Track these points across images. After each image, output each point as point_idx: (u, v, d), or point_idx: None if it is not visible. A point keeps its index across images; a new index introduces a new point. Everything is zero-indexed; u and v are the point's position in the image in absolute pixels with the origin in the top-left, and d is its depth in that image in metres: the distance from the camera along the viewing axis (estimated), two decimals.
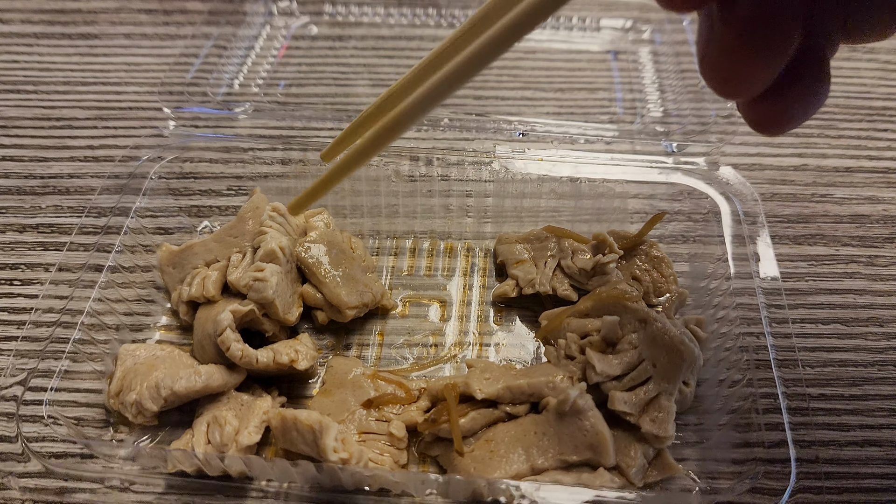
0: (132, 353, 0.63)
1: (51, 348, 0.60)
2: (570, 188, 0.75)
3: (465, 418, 0.59)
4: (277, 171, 0.77)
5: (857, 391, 0.67)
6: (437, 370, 0.68)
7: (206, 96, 0.84)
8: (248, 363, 0.61)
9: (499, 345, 0.70)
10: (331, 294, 0.67)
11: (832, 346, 0.70)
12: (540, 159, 0.74)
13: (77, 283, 0.64)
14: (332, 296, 0.67)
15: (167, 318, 0.71)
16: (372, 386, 0.63)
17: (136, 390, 0.58)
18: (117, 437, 0.62)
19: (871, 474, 0.62)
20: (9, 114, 0.90)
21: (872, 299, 0.74)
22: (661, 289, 0.70)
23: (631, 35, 1.02)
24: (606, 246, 0.70)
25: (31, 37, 1.00)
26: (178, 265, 0.69)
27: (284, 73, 0.96)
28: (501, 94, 0.95)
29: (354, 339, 0.70)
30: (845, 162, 0.87)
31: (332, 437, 0.53)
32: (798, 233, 0.79)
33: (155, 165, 0.74)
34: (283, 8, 1.03)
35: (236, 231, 0.69)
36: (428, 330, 0.71)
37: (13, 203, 0.80)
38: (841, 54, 0.94)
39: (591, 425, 0.56)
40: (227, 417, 0.59)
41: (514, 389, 0.59)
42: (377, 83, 0.95)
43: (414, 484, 0.55)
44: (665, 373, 0.57)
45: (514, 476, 0.56)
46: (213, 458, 0.55)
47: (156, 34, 1.01)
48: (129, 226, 0.70)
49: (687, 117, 0.84)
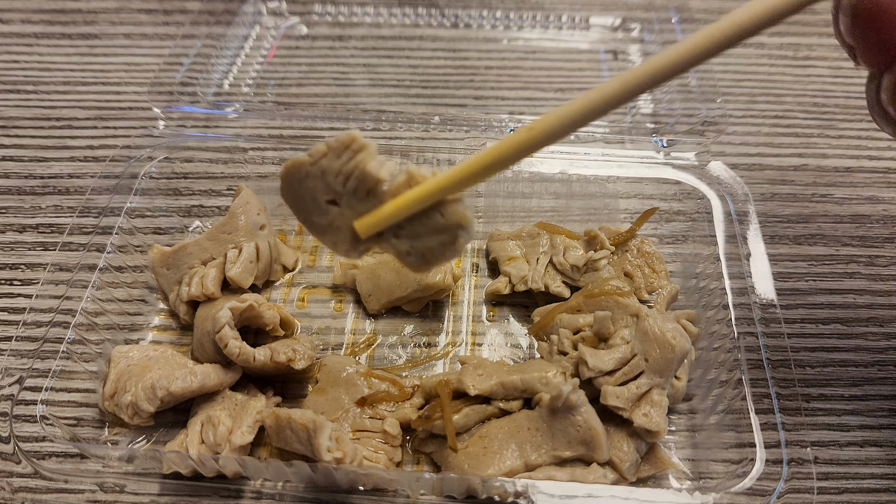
0: (125, 355, 0.63)
1: (46, 348, 0.61)
2: (561, 185, 0.75)
3: (458, 415, 0.59)
4: (268, 171, 0.77)
5: (857, 391, 0.66)
6: (431, 367, 0.68)
7: (196, 96, 0.84)
8: (246, 361, 0.61)
9: (492, 341, 0.70)
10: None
11: (832, 346, 0.70)
12: (531, 155, 0.73)
13: (71, 283, 0.65)
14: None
15: (160, 318, 0.71)
16: (365, 384, 0.63)
17: (132, 392, 0.58)
18: (112, 438, 0.62)
19: (870, 474, 0.61)
20: (9, 114, 0.91)
21: (872, 299, 0.73)
22: (653, 284, 0.70)
23: (620, 33, 1.02)
24: (598, 242, 0.70)
25: (31, 37, 1.01)
26: (172, 266, 0.69)
27: (274, 72, 0.97)
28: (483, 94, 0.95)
29: (347, 337, 0.70)
30: (845, 162, 0.86)
31: (327, 436, 0.53)
32: (798, 233, 0.79)
33: (146, 165, 0.74)
34: (272, 8, 1.03)
35: (229, 227, 0.69)
36: (421, 327, 0.71)
37: (13, 203, 0.81)
38: (841, 55, 0.94)
39: (583, 420, 0.56)
40: (221, 417, 0.59)
41: (508, 385, 0.59)
42: (374, 83, 0.95)
43: (408, 482, 0.55)
44: (657, 367, 0.57)
45: (507, 472, 0.56)
46: (208, 458, 0.55)
47: (156, 34, 1.02)
48: (120, 226, 0.70)
49: (677, 114, 0.83)
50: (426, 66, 0.98)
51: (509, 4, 1.02)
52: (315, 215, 0.51)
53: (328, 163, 0.48)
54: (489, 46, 1.01)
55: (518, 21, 1.03)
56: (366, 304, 0.71)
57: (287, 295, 0.73)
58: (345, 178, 0.48)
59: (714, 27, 0.39)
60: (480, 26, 1.03)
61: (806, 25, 1.03)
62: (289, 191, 0.52)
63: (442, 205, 0.46)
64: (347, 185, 0.48)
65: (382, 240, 0.49)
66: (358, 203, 0.48)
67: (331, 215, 0.50)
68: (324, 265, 0.76)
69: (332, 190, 0.49)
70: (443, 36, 1.02)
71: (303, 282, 0.74)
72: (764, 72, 0.97)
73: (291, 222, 0.79)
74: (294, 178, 0.51)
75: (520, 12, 1.02)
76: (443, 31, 1.02)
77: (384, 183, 0.47)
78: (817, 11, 1.05)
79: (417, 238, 0.47)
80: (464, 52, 1.00)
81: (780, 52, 1.00)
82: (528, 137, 0.43)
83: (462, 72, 0.97)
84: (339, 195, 0.49)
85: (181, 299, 0.67)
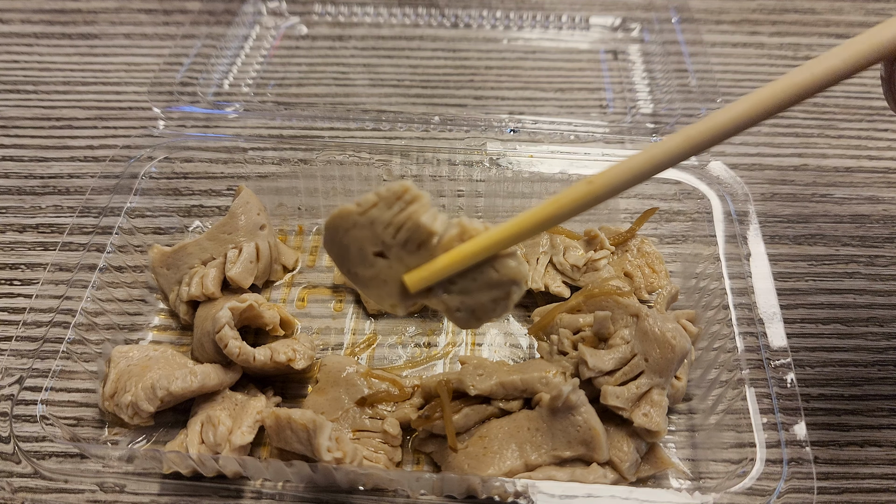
0: (125, 355, 0.63)
1: (46, 348, 0.61)
2: (561, 185, 0.75)
3: (458, 414, 0.59)
4: (268, 171, 0.77)
5: (857, 391, 0.66)
6: (431, 367, 0.68)
7: (196, 96, 0.84)
8: (246, 361, 0.61)
9: (492, 341, 0.70)
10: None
11: (832, 346, 0.70)
12: (530, 156, 0.74)
13: (71, 283, 0.65)
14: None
15: (160, 318, 0.71)
16: (366, 384, 0.63)
17: (132, 392, 0.58)
18: (112, 438, 0.62)
19: (870, 474, 0.61)
20: (9, 114, 0.91)
21: (872, 299, 0.73)
22: (653, 284, 0.70)
23: (620, 33, 1.02)
24: (598, 242, 0.70)
25: (31, 37, 1.01)
26: (172, 266, 0.69)
27: (274, 72, 0.97)
28: (483, 94, 0.95)
29: (347, 337, 0.70)
30: (845, 162, 0.86)
31: (326, 436, 0.53)
32: (798, 233, 0.79)
33: (146, 165, 0.74)
34: (272, 8, 1.03)
35: (229, 227, 0.69)
36: (421, 327, 0.71)
37: (13, 203, 0.81)
38: None
39: (583, 420, 0.56)
40: (221, 417, 0.59)
41: (508, 385, 0.59)
42: (374, 83, 0.95)
43: (408, 482, 0.55)
44: (657, 367, 0.57)
45: (507, 472, 0.56)
46: (208, 458, 0.55)
47: (156, 34, 1.02)
48: (120, 226, 0.70)
49: (677, 114, 0.83)
50: (426, 66, 0.98)
51: (509, 4, 1.02)
52: (360, 267, 0.49)
53: (378, 213, 0.46)
54: (489, 46, 1.01)
55: (518, 21, 1.03)
56: (366, 304, 0.71)
57: (287, 295, 0.73)
58: (395, 230, 0.46)
59: (772, 86, 0.39)
60: (480, 26, 1.03)
61: (806, 25, 1.03)
62: (333, 241, 0.49)
63: (496, 259, 0.45)
64: (398, 237, 0.46)
65: (432, 295, 0.47)
66: (408, 256, 0.46)
67: (377, 267, 0.48)
68: (324, 265, 0.76)
69: (380, 241, 0.47)
70: (443, 36, 1.02)
71: (303, 282, 0.74)
72: (764, 72, 0.97)
73: (291, 222, 0.79)
74: (340, 228, 0.48)
75: (520, 12, 1.02)
76: (443, 31, 1.02)
77: (436, 236, 0.45)
78: (817, 11, 1.05)
79: (468, 294, 0.46)
80: (464, 52, 1.00)
81: (780, 52, 1.00)
82: (587, 192, 0.42)
83: (462, 72, 0.97)
84: (387, 247, 0.47)
85: (181, 299, 0.67)
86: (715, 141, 0.40)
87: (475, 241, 0.44)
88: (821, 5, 1.06)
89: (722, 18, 1.05)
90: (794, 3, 1.06)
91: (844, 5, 1.06)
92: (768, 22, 1.04)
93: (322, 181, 0.77)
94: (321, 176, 0.76)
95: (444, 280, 0.46)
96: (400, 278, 0.47)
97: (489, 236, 0.44)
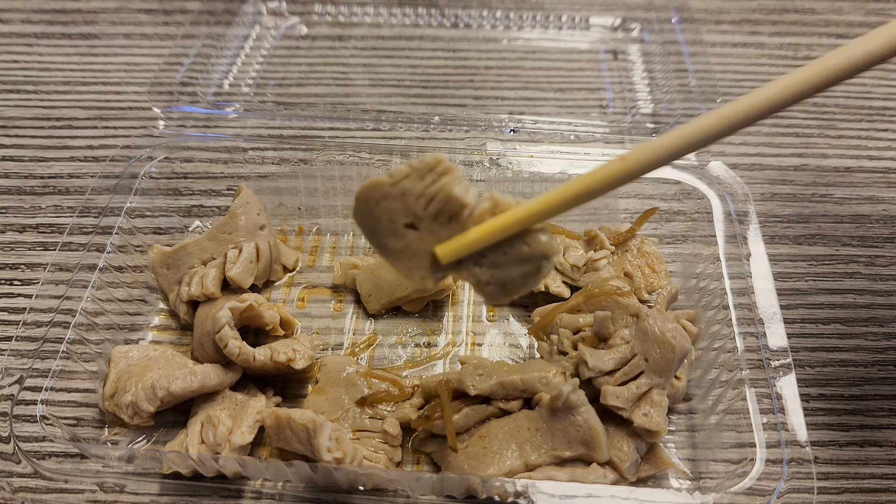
0: (125, 355, 0.63)
1: (46, 348, 0.61)
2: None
3: (458, 415, 0.59)
4: (268, 171, 0.77)
5: (857, 391, 0.66)
6: (431, 367, 0.68)
7: (196, 96, 0.84)
8: (246, 361, 0.61)
9: (492, 341, 0.70)
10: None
11: (832, 346, 0.70)
12: (530, 156, 0.74)
13: (71, 283, 0.65)
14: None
15: (160, 318, 0.71)
16: (366, 384, 0.63)
17: (132, 392, 0.58)
18: (112, 438, 0.62)
19: (870, 474, 0.61)
20: (9, 114, 0.91)
21: (872, 299, 0.73)
22: (653, 284, 0.70)
23: (620, 33, 1.02)
24: (598, 242, 0.70)
25: (31, 37, 1.01)
26: (172, 266, 0.69)
27: (274, 72, 0.97)
28: (483, 94, 0.95)
29: (347, 337, 0.70)
30: (845, 162, 0.86)
31: (326, 436, 0.53)
32: (798, 233, 0.79)
33: (146, 165, 0.74)
34: (272, 8, 1.03)
35: (229, 227, 0.69)
36: (421, 328, 0.71)
37: (13, 203, 0.81)
38: None
39: (583, 420, 0.56)
40: (221, 417, 0.59)
41: (507, 385, 0.59)
42: (374, 83, 0.95)
43: (408, 482, 0.55)
44: (657, 367, 0.57)
45: (507, 472, 0.56)
46: (208, 458, 0.55)
47: (156, 34, 1.02)
48: (120, 226, 0.70)
49: (677, 114, 0.83)
50: (426, 66, 0.98)
51: (509, 4, 1.02)
52: (390, 238, 0.49)
53: (410, 184, 0.46)
54: (489, 46, 1.01)
55: (518, 21, 1.03)
56: (366, 304, 0.71)
57: (287, 295, 0.73)
58: (427, 201, 0.46)
59: (805, 70, 0.39)
60: (480, 26, 1.03)
61: (806, 25, 1.03)
62: (363, 212, 0.49)
63: (527, 234, 0.44)
64: (429, 209, 0.46)
65: (462, 268, 0.47)
66: (439, 228, 0.46)
67: (408, 239, 0.48)
68: (324, 265, 0.76)
69: (411, 213, 0.47)
70: (443, 36, 1.02)
71: (303, 282, 0.74)
72: (764, 72, 0.97)
73: (291, 222, 0.79)
74: (371, 199, 0.48)
75: (520, 12, 1.02)
76: (443, 31, 1.02)
77: (468, 208, 0.45)
78: (817, 11, 1.05)
79: (499, 267, 0.46)
80: (464, 52, 1.00)
81: (780, 52, 1.00)
82: (621, 168, 0.41)
83: (462, 72, 0.97)
84: (419, 218, 0.47)
85: (181, 299, 0.67)
86: (750, 121, 0.40)
87: (507, 215, 0.44)
88: (821, 5, 1.06)
89: (722, 18, 1.05)
90: (794, 3, 1.07)
91: (844, 5, 1.06)
92: (768, 22, 1.04)
93: (322, 181, 0.77)
94: (321, 176, 0.76)
95: (475, 253, 0.46)
96: (430, 250, 0.47)
97: (521, 210, 0.44)
